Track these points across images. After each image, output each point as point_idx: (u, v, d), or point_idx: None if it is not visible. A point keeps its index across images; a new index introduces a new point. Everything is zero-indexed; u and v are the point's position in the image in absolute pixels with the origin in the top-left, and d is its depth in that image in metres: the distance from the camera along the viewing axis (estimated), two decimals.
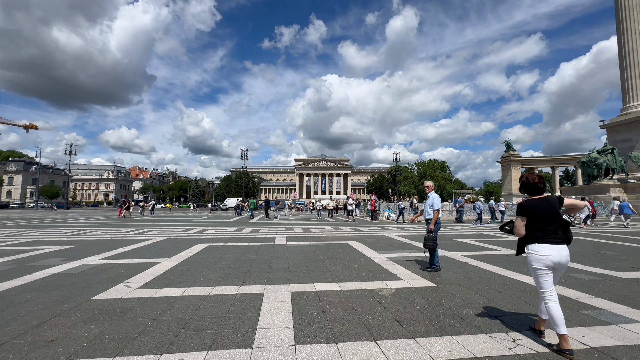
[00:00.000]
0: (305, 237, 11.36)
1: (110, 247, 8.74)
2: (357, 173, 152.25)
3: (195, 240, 10.34)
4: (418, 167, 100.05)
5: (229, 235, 11.95)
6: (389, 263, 6.58)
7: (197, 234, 12.41)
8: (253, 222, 19.81)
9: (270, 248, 8.81)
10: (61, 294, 4.37)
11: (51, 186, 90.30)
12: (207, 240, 10.54)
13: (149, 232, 13.11)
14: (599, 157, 31.66)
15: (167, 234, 12.33)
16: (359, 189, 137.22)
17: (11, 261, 6.73)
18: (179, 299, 4.15)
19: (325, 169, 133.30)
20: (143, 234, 12.62)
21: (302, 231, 13.81)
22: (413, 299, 4.18)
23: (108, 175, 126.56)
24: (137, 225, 16.99)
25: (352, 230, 14.39)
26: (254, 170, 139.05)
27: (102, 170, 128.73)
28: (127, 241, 10.17)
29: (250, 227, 16.18)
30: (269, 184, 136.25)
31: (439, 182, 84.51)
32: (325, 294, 4.42)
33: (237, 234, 12.67)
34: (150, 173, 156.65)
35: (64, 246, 9.02)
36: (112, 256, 7.33)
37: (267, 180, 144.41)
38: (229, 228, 15.39)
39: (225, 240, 10.41)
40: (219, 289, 4.62)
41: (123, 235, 12.16)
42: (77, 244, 9.59)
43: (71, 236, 11.72)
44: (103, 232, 13.17)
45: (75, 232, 13.15)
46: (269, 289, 4.63)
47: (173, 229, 14.90)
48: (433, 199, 5.87)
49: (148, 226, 16.54)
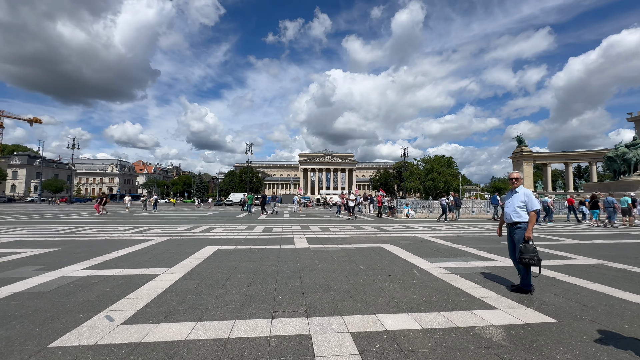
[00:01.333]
0: (328, 239, 9.88)
1: (101, 251, 7.33)
2: (362, 169, 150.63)
3: (202, 242, 8.90)
4: (424, 162, 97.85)
5: (240, 236, 10.51)
6: (455, 278, 5.07)
7: (203, 234, 10.98)
8: (263, 219, 18.38)
9: (293, 253, 7.34)
10: (5, 335, 2.91)
11: (55, 180, 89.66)
12: (216, 241, 9.09)
13: (150, 231, 11.71)
14: (627, 151, 29.69)
15: (170, 233, 10.93)
16: (364, 185, 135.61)
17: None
18: (183, 347, 2.68)
19: (329, 164, 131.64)
20: (143, 232, 11.22)
21: (320, 230, 12.34)
22: (544, 348, 2.66)
23: (112, 170, 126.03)
24: (138, 222, 15.62)
25: (376, 229, 12.89)
26: (258, 166, 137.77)
27: (106, 165, 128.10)
28: (123, 242, 8.75)
29: (262, 225, 14.74)
30: (273, 179, 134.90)
31: (446, 178, 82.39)
32: (402, 336, 2.92)
33: (248, 233, 11.23)
34: (154, 168, 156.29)
35: (48, 248, 7.61)
36: (100, 264, 5.90)
37: (271, 175, 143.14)
38: (239, 226, 13.96)
39: (237, 242, 8.96)
40: (241, 325, 3.15)
41: (120, 234, 10.77)
42: (64, 245, 8.19)
43: (61, 235, 10.35)
44: (98, 231, 11.80)
45: (68, 230, 11.78)
46: (315, 325, 3.14)
47: (177, 227, 13.50)
48: (527, 196, 4.28)
49: (150, 223, 15.16)
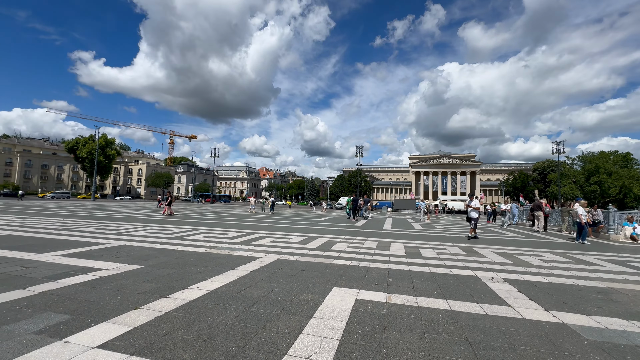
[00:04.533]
0: (544, 285, 4.86)
1: (183, 278, 4.68)
2: (486, 171, 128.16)
3: (325, 273, 5.39)
4: (583, 161, 73.08)
5: (379, 262, 6.62)
6: None
7: (323, 253, 7.63)
8: (387, 231, 14.22)
9: (516, 323, 2.84)
10: None
11: (203, 184, 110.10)
12: (346, 273, 5.41)
13: (259, 241, 9.24)
14: None
15: (281, 247, 8.06)
16: (491, 190, 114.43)
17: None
18: None
19: (446, 166, 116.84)
20: (250, 243, 8.77)
21: (504, 260, 7.22)
22: None
23: (243, 175, 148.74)
24: (251, 227, 13.95)
25: (593, 258, 6.82)
26: (366, 170, 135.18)
27: (239, 171, 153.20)
28: (219, 260, 6.15)
29: (398, 241, 10.60)
30: (382, 183, 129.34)
31: (623, 181, 59.08)
32: None
33: (390, 257, 7.26)
34: (274, 173, 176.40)
35: (129, 265, 5.54)
36: (161, 313, 2.98)
37: (379, 179, 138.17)
38: (366, 241, 10.22)
39: (381, 277, 5.07)
40: None
41: (226, 242, 8.56)
42: (153, 260, 6.09)
43: (168, 239, 8.83)
44: (208, 236, 10.08)
45: (181, 234, 10.53)
46: None
47: (290, 237, 10.80)
48: None
49: (262, 229, 13.19)
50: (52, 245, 7.29)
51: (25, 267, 5.16)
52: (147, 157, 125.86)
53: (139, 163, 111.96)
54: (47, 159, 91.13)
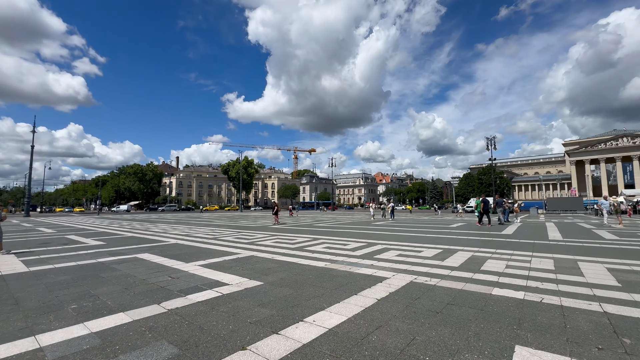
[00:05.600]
0: None
1: (297, 301, 3.94)
2: None
3: (496, 320, 3.60)
4: None
5: (568, 289, 4.21)
6: None
7: (476, 275, 5.66)
8: (558, 242, 10.34)
9: None
10: None
11: (324, 192, 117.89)
12: (530, 318, 3.46)
13: (382, 254, 7.99)
14: None
15: (410, 264, 6.55)
16: None
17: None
18: None
19: (628, 149, 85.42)
20: (372, 257, 7.60)
21: None
22: None
23: (359, 182, 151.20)
24: (372, 237, 12.83)
25: None
26: (501, 164, 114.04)
27: (355, 178, 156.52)
28: (338, 281, 5.23)
29: (589, 260, 7.32)
30: (525, 179, 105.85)
31: None
32: None
33: (594, 288, 4.67)
34: (391, 178, 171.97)
35: (252, 281, 5.29)
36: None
37: (519, 174, 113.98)
38: (532, 259, 7.42)
39: (598, 330, 2.91)
40: None
41: (344, 259, 7.71)
42: (274, 275, 5.76)
43: (292, 251, 8.68)
44: (328, 247, 9.54)
45: (305, 242, 10.42)
46: None
47: (420, 248, 9.07)
48: None
49: (384, 239, 11.88)
50: (198, 254, 8.17)
51: (170, 278, 5.61)
52: (277, 172, 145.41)
53: (271, 178, 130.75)
54: (211, 181, 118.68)
